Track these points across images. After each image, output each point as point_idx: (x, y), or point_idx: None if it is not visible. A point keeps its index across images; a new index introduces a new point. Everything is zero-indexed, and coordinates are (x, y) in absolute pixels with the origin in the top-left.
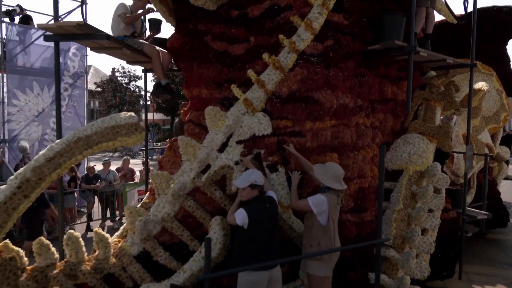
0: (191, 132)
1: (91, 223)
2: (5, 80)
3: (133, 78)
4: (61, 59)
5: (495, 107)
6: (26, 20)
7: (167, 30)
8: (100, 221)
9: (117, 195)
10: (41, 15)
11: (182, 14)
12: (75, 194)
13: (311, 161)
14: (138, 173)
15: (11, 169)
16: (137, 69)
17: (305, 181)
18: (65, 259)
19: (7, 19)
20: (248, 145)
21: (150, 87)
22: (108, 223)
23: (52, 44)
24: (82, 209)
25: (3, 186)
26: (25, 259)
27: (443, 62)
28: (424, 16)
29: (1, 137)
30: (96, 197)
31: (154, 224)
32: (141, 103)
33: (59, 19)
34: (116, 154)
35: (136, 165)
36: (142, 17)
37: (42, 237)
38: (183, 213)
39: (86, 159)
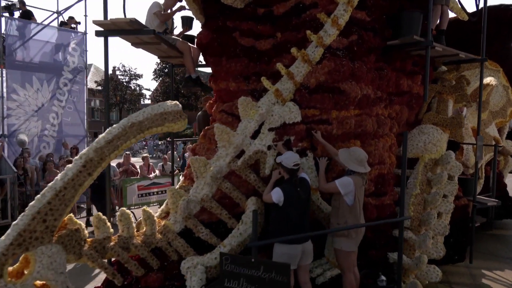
0: (224, 121)
1: (91, 218)
2: (4, 75)
3: (133, 77)
4: (60, 55)
5: (502, 102)
6: (28, 15)
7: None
8: None
9: (116, 191)
10: (42, 11)
11: (211, 12)
12: None
13: (336, 148)
14: (138, 169)
15: (10, 163)
16: (138, 68)
17: (331, 166)
18: (118, 234)
19: (6, 14)
20: (279, 132)
21: (152, 85)
22: None
23: (51, 39)
24: (82, 205)
25: (70, 165)
26: (86, 232)
27: (456, 56)
28: (439, 13)
29: (1, 132)
30: None
31: (194, 204)
32: (142, 102)
33: (60, 14)
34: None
35: (136, 163)
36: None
37: (99, 213)
38: (219, 194)
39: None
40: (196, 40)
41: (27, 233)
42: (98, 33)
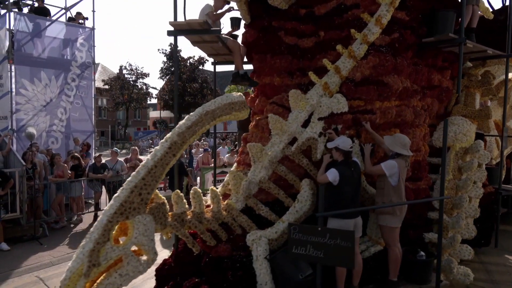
0: (275, 112)
1: (99, 213)
2: (13, 70)
3: (140, 76)
4: (68, 50)
5: None
6: (44, 12)
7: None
8: None
9: (114, 187)
10: (50, 7)
11: (256, 12)
12: (82, 184)
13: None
14: None
15: (19, 156)
16: (144, 67)
17: (374, 153)
18: (191, 210)
19: (15, 9)
20: (328, 121)
21: (158, 84)
22: None
23: (59, 35)
24: (90, 201)
25: (158, 147)
26: (167, 206)
27: (482, 53)
28: (470, 13)
29: (10, 127)
30: (103, 186)
31: (254, 185)
32: (148, 101)
33: (67, 10)
34: (124, 151)
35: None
36: None
37: (178, 190)
38: (275, 177)
39: (93, 150)
40: (242, 39)
41: (127, 203)
42: (169, 33)
